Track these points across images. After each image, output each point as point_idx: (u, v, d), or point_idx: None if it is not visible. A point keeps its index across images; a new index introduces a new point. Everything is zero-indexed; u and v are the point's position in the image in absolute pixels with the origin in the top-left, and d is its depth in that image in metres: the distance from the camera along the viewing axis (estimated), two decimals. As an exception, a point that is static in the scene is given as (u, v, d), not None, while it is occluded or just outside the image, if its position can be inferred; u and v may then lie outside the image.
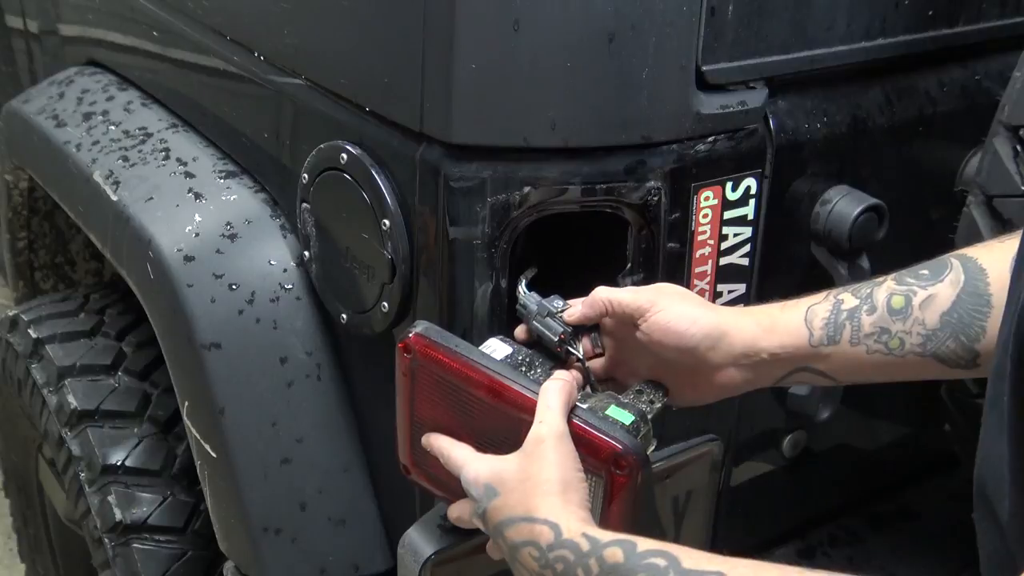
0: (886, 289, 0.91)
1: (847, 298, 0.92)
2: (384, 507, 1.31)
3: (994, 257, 0.88)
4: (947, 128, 1.27)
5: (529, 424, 0.87)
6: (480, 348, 0.98)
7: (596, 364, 1.01)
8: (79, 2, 1.78)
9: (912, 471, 1.54)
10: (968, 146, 1.27)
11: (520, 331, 1.02)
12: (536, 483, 0.84)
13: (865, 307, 0.91)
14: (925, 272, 0.90)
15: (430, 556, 1.00)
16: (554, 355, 0.99)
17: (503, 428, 0.91)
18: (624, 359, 1.01)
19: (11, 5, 2.12)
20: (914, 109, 1.24)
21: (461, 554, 1.02)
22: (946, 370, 0.90)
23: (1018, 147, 1.09)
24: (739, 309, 0.98)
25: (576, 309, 0.98)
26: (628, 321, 0.96)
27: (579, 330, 0.99)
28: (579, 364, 0.98)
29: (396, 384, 0.97)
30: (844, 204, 1.14)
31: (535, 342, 1.00)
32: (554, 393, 0.88)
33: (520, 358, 0.98)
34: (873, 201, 1.14)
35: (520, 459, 0.86)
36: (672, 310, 0.94)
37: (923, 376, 0.91)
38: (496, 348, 0.98)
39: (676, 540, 1.25)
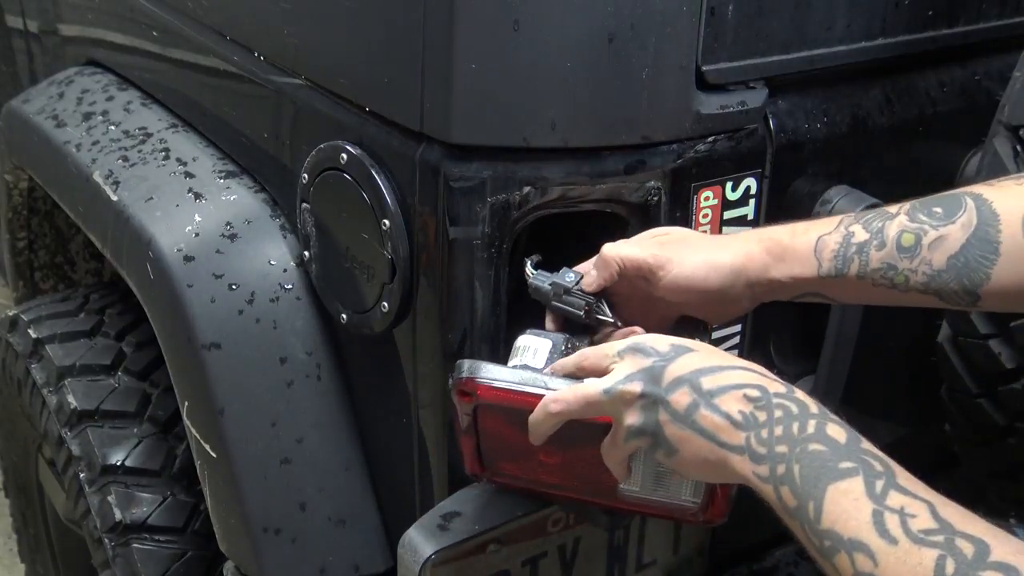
0: (897, 225, 0.91)
1: (858, 231, 0.92)
2: (384, 507, 1.31)
3: (1009, 202, 0.87)
4: (947, 128, 1.27)
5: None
6: (519, 346, 0.97)
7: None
8: (79, 2, 1.78)
9: (912, 471, 1.54)
10: (968, 146, 1.27)
11: (549, 321, 1.03)
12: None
13: (875, 242, 0.91)
14: (938, 210, 0.90)
15: (430, 556, 1.00)
16: (585, 327, 0.99)
17: (578, 434, 0.91)
18: (637, 312, 1.00)
19: (11, 5, 2.12)
20: (914, 109, 1.24)
21: (461, 554, 1.02)
22: (946, 306, 0.91)
23: (1018, 147, 1.09)
24: (747, 237, 0.98)
25: (592, 276, 0.99)
26: (639, 277, 0.96)
27: (599, 295, 0.99)
28: (614, 326, 0.98)
29: (457, 422, 0.97)
30: (844, 204, 1.14)
31: (564, 322, 1.00)
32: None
33: (563, 349, 0.97)
34: (873, 201, 1.14)
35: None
36: (687, 263, 0.95)
37: (922, 305, 0.92)
38: (536, 348, 0.97)
39: (676, 540, 1.26)
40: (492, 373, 0.92)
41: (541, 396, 0.89)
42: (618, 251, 0.97)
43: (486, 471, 1.01)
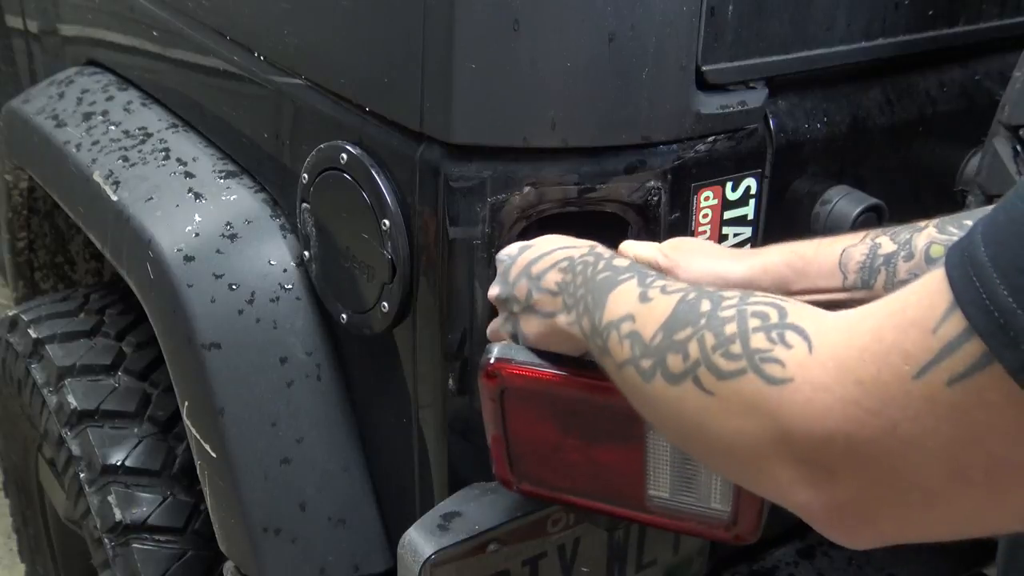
0: (926, 236, 0.90)
1: (885, 243, 0.91)
2: (384, 507, 1.31)
3: None
4: (947, 128, 1.27)
5: (631, 417, 0.86)
6: None
7: None
8: (79, 2, 1.78)
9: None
10: (968, 146, 1.27)
11: None
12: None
13: (903, 254, 0.90)
14: (968, 222, 0.88)
15: (430, 556, 1.00)
16: None
17: (606, 427, 0.91)
18: None
19: (11, 5, 2.12)
20: (914, 109, 1.24)
21: (461, 554, 1.02)
22: None
23: (1018, 147, 1.09)
24: (768, 251, 0.97)
25: None
26: None
27: None
28: None
29: (484, 410, 0.96)
30: (844, 204, 1.14)
31: None
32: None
33: None
34: (873, 201, 1.14)
35: None
36: (695, 268, 0.95)
37: None
38: None
39: (676, 540, 1.25)
40: (519, 355, 0.93)
41: (569, 375, 0.90)
42: (633, 250, 0.98)
43: (516, 478, 1.00)
